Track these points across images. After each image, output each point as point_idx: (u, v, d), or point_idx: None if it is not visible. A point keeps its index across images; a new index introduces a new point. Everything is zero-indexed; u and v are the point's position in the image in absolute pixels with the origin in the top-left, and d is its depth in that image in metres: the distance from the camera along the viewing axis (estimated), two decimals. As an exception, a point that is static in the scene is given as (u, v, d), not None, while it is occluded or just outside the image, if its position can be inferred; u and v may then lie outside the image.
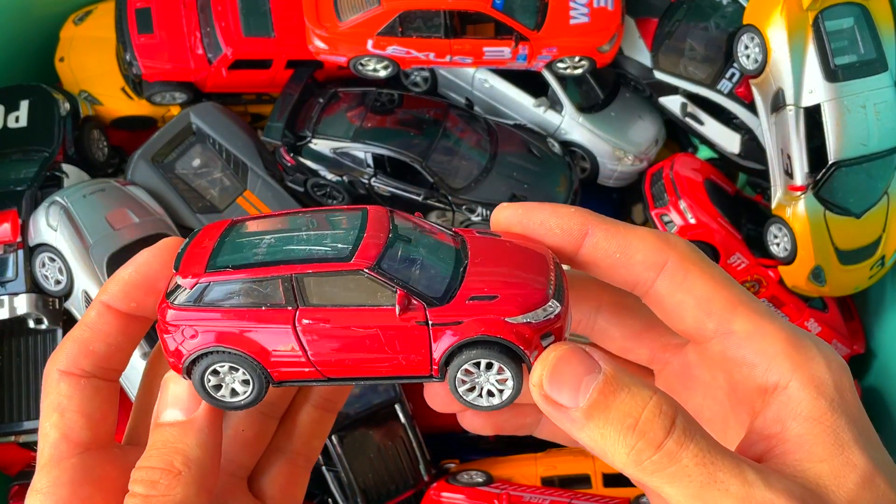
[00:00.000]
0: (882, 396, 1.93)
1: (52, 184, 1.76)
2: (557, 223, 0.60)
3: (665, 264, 0.58)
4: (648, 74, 1.87)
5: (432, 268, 0.58)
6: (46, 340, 1.72)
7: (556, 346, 0.54)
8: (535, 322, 0.56)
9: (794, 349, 0.54)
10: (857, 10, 1.63)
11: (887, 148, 1.64)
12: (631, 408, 0.50)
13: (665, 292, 0.58)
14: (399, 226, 0.60)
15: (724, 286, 0.57)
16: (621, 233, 0.59)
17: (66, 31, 1.99)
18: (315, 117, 1.83)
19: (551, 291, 0.57)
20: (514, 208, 0.61)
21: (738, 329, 0.56)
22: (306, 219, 0.62)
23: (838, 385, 0.53)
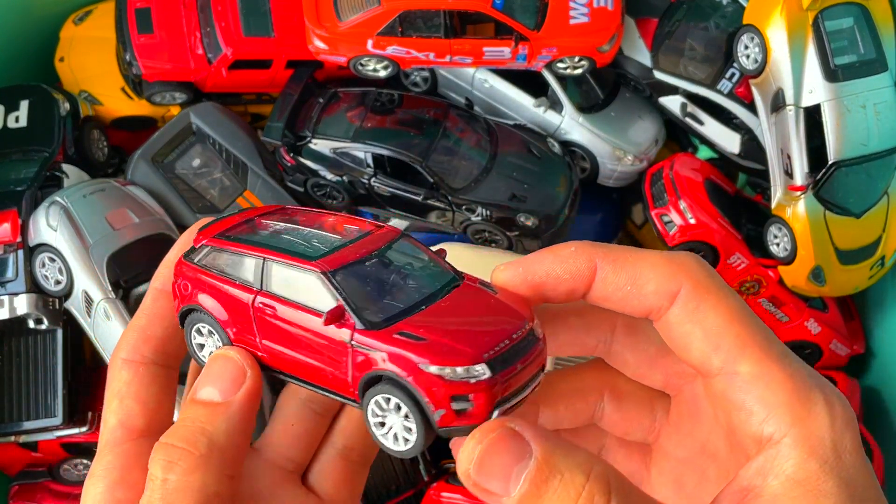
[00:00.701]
0: (882, 396, 1.93)
1: (52, 184, 1.76)
2: (564, 268, 0.57)
3: (678, 292, 0.55)
4: (648, 74, 1.87)
5: (394, 296, 0.57)
6: (46, 340, 1.72)
7: (486, 428, 0.51)
8: (449, 379, 0.52)
9: (798, 400, 0.52)
10: (856, 10, 1.63)
11: (887, 148, 1.64)
12: (562, 497, 0.48)
13: (675, 321, 0.55)
14: (393, 249, 0.60)
15: (737, 320, 0.54)
16: (630, 262, 0.56)
17: (66, 31, 1.99)
18: (315, 117, 1.83)
19: (489, 356, 0.53)
20: (513, 268, 0.58)
21: (742, 371, 0.53)
22: (331, 222, 0.64)
23: (837, 445, 0.51)
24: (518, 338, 0.55)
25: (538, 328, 0.57)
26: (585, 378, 0.65)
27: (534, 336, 0.56)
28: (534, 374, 0.56)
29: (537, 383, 0.57)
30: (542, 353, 0.57)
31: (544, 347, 0.57)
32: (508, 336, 0.54)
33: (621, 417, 0.64)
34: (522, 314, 0.56)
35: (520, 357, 0.54)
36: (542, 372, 0.57)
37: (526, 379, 0.55)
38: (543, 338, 0.57)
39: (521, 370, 0.54)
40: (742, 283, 1.84)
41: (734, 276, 1.83)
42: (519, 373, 0.54)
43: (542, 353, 0.57)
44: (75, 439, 1.76)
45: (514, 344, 0.54)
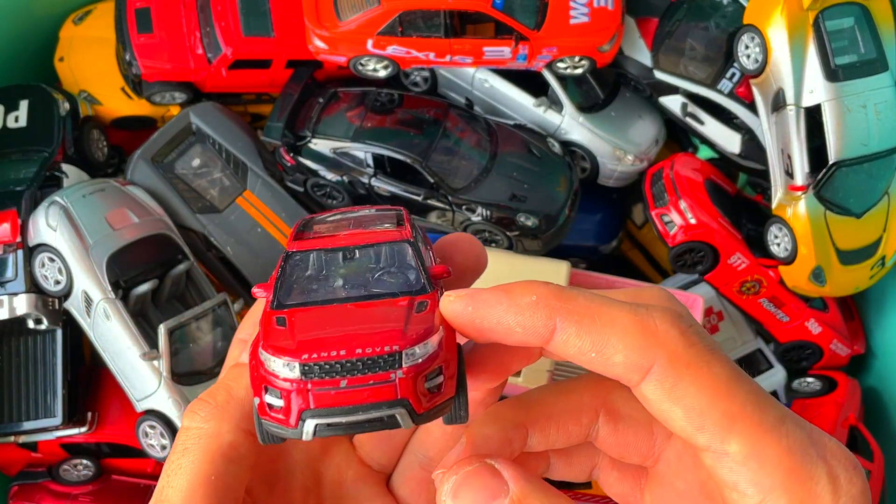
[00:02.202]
0: (882, 396, 1.93)
1: (52, 184, 1.76)
2: (518, 321, 0.50)
3: (651, 368, 0.48)
4: (648, 74, 1.87)
5: (325, 288, 0.56)
6: (46, 341, 1.72)
7: (464, 461, 0.51)
8: (266, 367, 0.51)
9: (797, 481, 0.47)
10: (857, 9, 1.63)
11: (888, 148, 1.64)
12: None
13: (651, 397, 0.49)
14: (372, 250, 0.58)
15: (723, 394, 0.48)
16: (596, 327, 0.49)
17: (65, 31, 1.99)
18: (315, 117, 1.83)
19: (308, 358, 0.50)
20: (462, 304, 0.51)
21: (732, 451, 0.48)
22: (357, 218, 0.64)
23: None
24: (362, 355, 0.49)
25: (413, 360, 0.50)
26: (579, 396, 0.59)
27: (391, 363, 0.50)
28: (371, 403, 0.50)
29: (384, 418, 0.50)
30: (389, 387, 0.50)
31: (405, 383, 0.50)
32: (351, 350, 0.49)
33: (617, 441, 0.59)
34: (405, 338, 0.50)
35: (351, 375, 0.49)
36: (392, 408, 0.50)
37: (356, 402, 0.50)
38: (412, 373, 0.50)
39: (346, 388, 0.49)
40: (742, 283, 1.84)
41: (734, 277, 1.83)
42: (343, 391, 0.49)
43: (390, 388, 0.50)
44: (75, 439, 1.76)
45: (352, 359, 0.49)
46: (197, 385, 1.65)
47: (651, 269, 2.11)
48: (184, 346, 1.66)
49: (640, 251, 2.12)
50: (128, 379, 1.66)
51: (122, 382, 1.67)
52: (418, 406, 0.50)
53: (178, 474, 0.54)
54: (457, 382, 0.53)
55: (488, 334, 0.51)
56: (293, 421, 0.50)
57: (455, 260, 0.60)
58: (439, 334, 0.51)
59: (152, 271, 1.72)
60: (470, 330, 0.52)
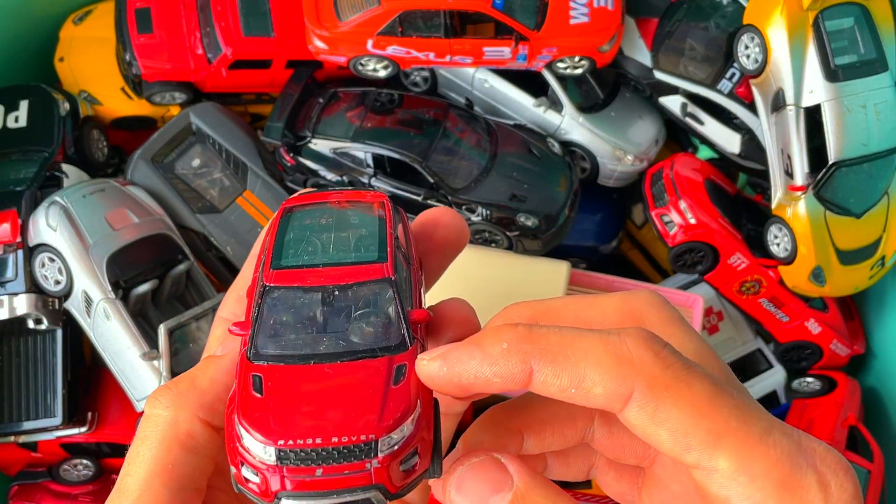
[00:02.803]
0: (882, 396, 1.93)
1: (52, 184, 1.76)
2: (494, 371, 0.49)
3: (631, 395, 0.48)
4: (648, 74, 1.87)
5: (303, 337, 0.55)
6: (46, 341, 1.72)
7: (471, 453, 0.51)
8: (242, 443, 0.51)
9: (788, 491, 0.47)
10: (857, 9, 1.63)
11: (888, 148, 1.64)
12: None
13: (635, 423, 0.49)
14: (353, 289, 0.57)
15: (706, 412, 0.48)
16: (571, 363, 0.48)
17: (65, 31, 1.99)
18: (315, 117, 1.83)
19: (285, 445, 0.50)
20: (437, 364, 0.51)
21: (721, 467, 0.47)
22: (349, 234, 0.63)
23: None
24: (338, 444, 0.49)
25: (389, 447, 0.50)
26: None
27: (366, 452, 0.50)
28: (346, 489, 0.50)
29: (358, 501, 0.51)
30: (364, 475, 0.50)
31: (381, 471, 0.50)
32: (328, 438, 0.49)
33: (612, 443, 0.59)
34: (381, 424, 0.50)
35: (326, 464, 0.49)
36: (367, 492, 0.50)
37: (331, 488, 0.50)
38: (388, 461, 0.50)
39: (320, 476, 0.50)
40: (742, 283, 1.84)
41: (734, 277, 1.83)
42: (318, 479, 0.50)
43: (365, 476, 0.50)
44: (75, 439, 1.76)
45: (328, 448, 0.49)
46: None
47: (651, 270, 2.11)
48: (184, 346, 1.66)
49: (640, 251, 2.13)
50: (128, 379, 1.66)
51: (122, 382, 1.67)
52: (392, 488, 0.51)
53: (137, 462, 0.54)
54: (432, 448, 0.52)
55: (470, 389, 0.51)
56: (269, 497, 0.51)
57: (436, 234, 0.61)
58: (416, 411, 0.51)
59: (152, 271, 1.72)
60: (450, 388, 0.51)
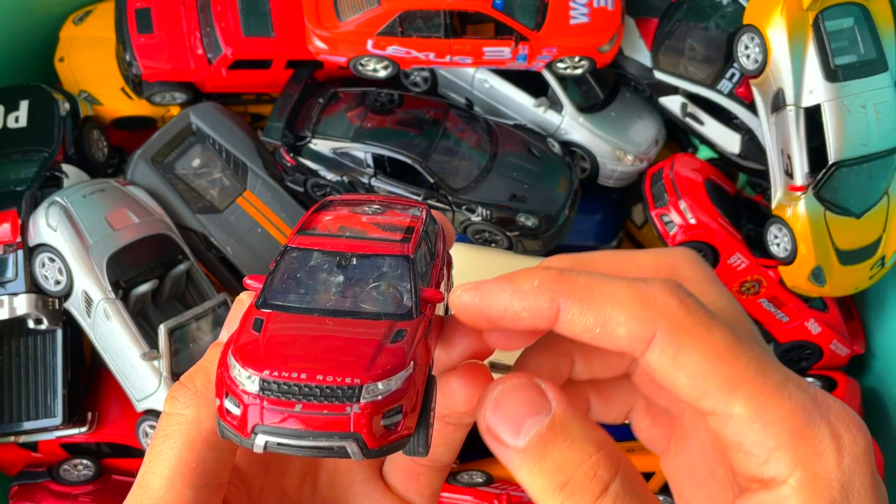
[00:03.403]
0: (882, 396, 1.93)
1: (52, 184, 1.76)
2: (523, 305, 0.51)
3: (653, 337, 0.49)
4: (648, 74, 1.87)
5: (311, 294, 0.56)
6: (46, 341, 1.72)
7: (510, 376, 0.51)
8: (230, 373, 0.51)
9: (801, 440, 0.48)
10: (857, 10, 1.63)
11: (887, 148, 1.64)
12: (567, 461, 0.47)
13: (655, 366, 0.50)
14: (370, 260, 0.58)
15: (725, 358, 0.49)
16: (597, 302, 0.50)
17: (65, 31, 1.99)
18: (315, 117, 1.83)
19: (270, 375, 0.49)
20: (470, 294, 0.53)
21: (737, 413, 0.49)
22: (378, 220, 0.64)
23: (846, 484, 0.47)
24: (322, 383, 0.49)
25: (372, 396, 0.50)
26: None
27: (349, 396, 0.49)
28: (322, 432, 0.50)
29: (334, 448, 0.50)
30: (343, 420, 0.49)
31: (360, 418, 0.50)
32: (313, 375, 0.49)
33: (650, 379, 0.59)
34: (369, 372, 0.50)
35: (307, 400, 0.49)
36: (343, 440, 0.50)
37: (307, 427, 0.49)
38: (369, 409, 0.50)
39: (299, 413, 0.49)
40: (742, 283, 1.84)
41: (734, 277, 1.83)
42: (297, 415, 0.49)
43: (343, 420, 0.49)
44: (75, 439, 1.76)
45: (311, 384, 0.49)
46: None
47: (651, 269, 2.11)
48: (184, 347, 1.66)
49: (639, 251, 2.12)
50: (128, 379, 1.66)
51: (122, 382, 1.67)
52: (370, 441, 0.50)
53: (159, 461, 0.54)
54: (419, 417, 0.52)
55: (498, 322, 0.53)
56: (246, 432, 0.50)
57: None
58: (407, 370, 0.51)
59: (152, 271, 1.72)
60: (480, 320, 0.53)
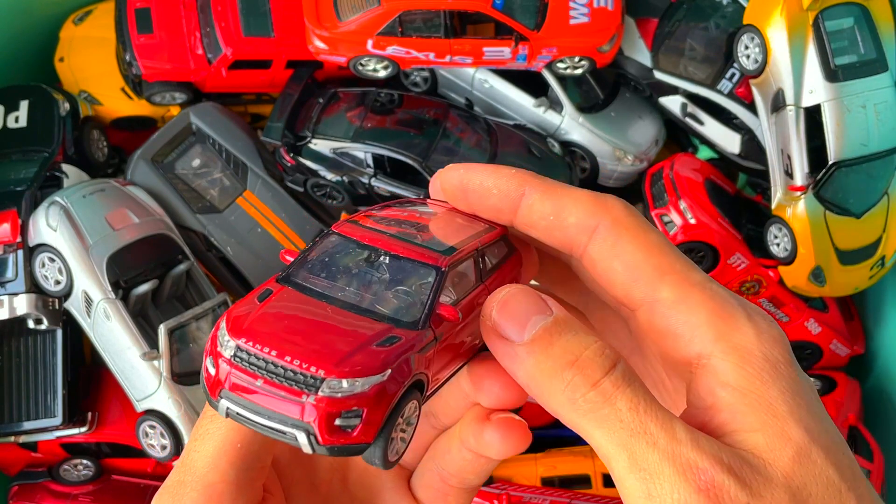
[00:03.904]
0: (882, 396, 1.93)
1: (52, 184, 1.76)
2: (495, 183, 0.58)
3: (597, 227, 0.56)
4: (648, 74, 1.87)
5: (331, 280, 0.56)
6: (46, 341, 1.72)
7: (513, 285, 0.55)
8: (218, 334, 0.52)
9: (720, 318, 0.52)
10: (857, 10, 1.63)
11: (887, 148, 1.64)
12: (573, 346, 0.51)
13: (596, 257, 0.56)
14: (402, 261, 0.57)
15: (656, 252, 0.55)
16: (557, 194, 0.57)
17: (65, 31, 1.99)
18: (315, 117, 1.83)
19: (247, 342, 0.50)
20: (457, 169, 0.60)
21: (663, 297, 0.54)
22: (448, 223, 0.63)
23: (768, 355, 0.51)
24: (288, 364, 0.49)
25: (331, 391, 0.48)
26: None
27: (309, 385, 0.49)
28: (276, 413, 0.49)
29: (285, 433, 0.49)
30: (296, 406, 0.49)
31: (314, 411, 0.49)
32: (282, 354, 0.49)
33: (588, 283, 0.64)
34: (338, 367, 0.49)
35: (269, 377, 0.49)
36: (294, 427, 0.49)
37: (263, 405, 0.49)
38: (324, 403, 0.48)
39: (260, 387, 0.49)
40: (742, 283, 1.84)
41: (734, 277, 1.83)
42: (257, 389, 0.49)
43: (297, 407, 0.49)
44: (75, 439, 1.76)
45: (277, 363, 0.49)
46: (197, 385, 1.66)
47: (651, 269, 2.11)
48: (184, 346, 1.66)
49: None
50: (128, 379, 1.66)
51: (122, 382, 1.67)
52: (322, 437, 0.49)
53: (206, 439, 0.55)
54: (381, 429, 0.50)
55: (470, 195, 0.59)
56: (215, 394, 0.51)
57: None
58: (379, 377, 0.49)
59: (152, 271, 1.72)
60: (458, 190, 0.60)
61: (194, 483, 0.54)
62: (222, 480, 0.54)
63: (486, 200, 0.59)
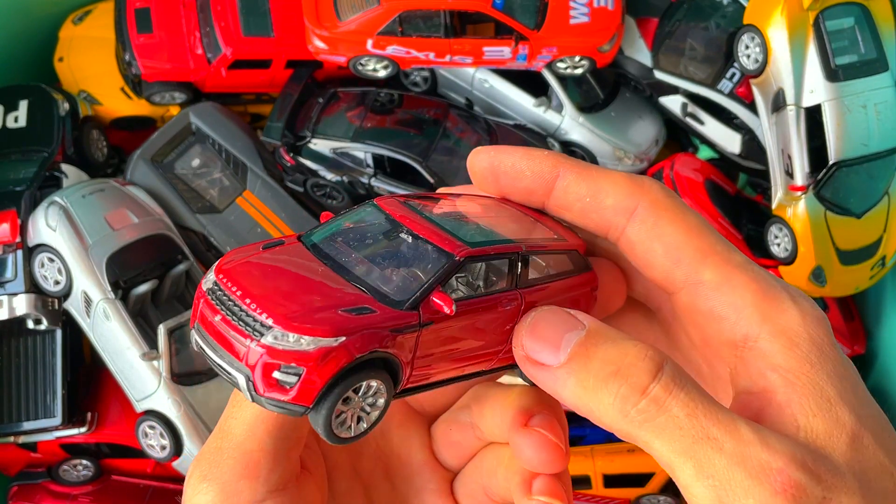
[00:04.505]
0: (882, 396, 1.93)
1: (52, 184, 1.76)
2: (528, 165, 0.57)
3: (636, 209, 0.55)
4: (648, 74, 1.87)
5: (352, 249, 0.54)
6: (46, 341, 1.72)
7: (539, 307, 0.53)
8: (204, 281, 0.52)
9: (765, 300, 0.51)
10: (857, 9, 1.63)
11: (888, 148, 1.64)
12: (613, 355, 0.48)
13: (635, 239, 0.55)
14: (421, 242, 0.54)
15: (696, 233, 0.54)
16: (593, 176, 0.56)
17: (65, 30, 1.99)
18: (315, 117, 1.83)
19: (224, 282, 0.50)
20: (487, 151, 0.59)
21: (706, 279, 0.53)
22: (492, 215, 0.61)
23: (814, 337, 0.49)
24: (246, 306, 0.48)
25: (275, 341, 0.47)
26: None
27: (257, 330, 0.48)
28: (223, 351, 0.49)
29: (230, 373, 0.49)
30: (240, 348, 0.48)
31: (254, 356, 0.48)
32: (245, 296, 0.49)
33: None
34: (289, 320, 0.48)
35: (226, 315, 0.49)
36: (237, 370, 0.48)
37: (216, 340, 0.49)
38: (265, 351, 0.47)
39: (217, 322, 0.49)
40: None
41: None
42: (214, 324, 0.49)
43: (240, 349, 0.48)
44: (74, 440, 1.76)
45: (238, 303, 0.49)
46: (197, 385, 1.65)
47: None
48: (183, 347, 1.65)
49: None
50: (128, 379, 1.66)
51: (122, 382, 1.67)
52: (259, 386, 0.48)
53: (243, 406, 0.54)
54: (320, 397, 0.48)
55: (502, 177, 0.58)
56: (192, 324, 0.52)
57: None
58: (328, 341, 0.47)
59: (152, 271, 1.72)
60: (489, 173, 0.58)
61: (232, 450, 0.53)
62: (260, 449, 0.53)
63: (519, 182, 0.58)
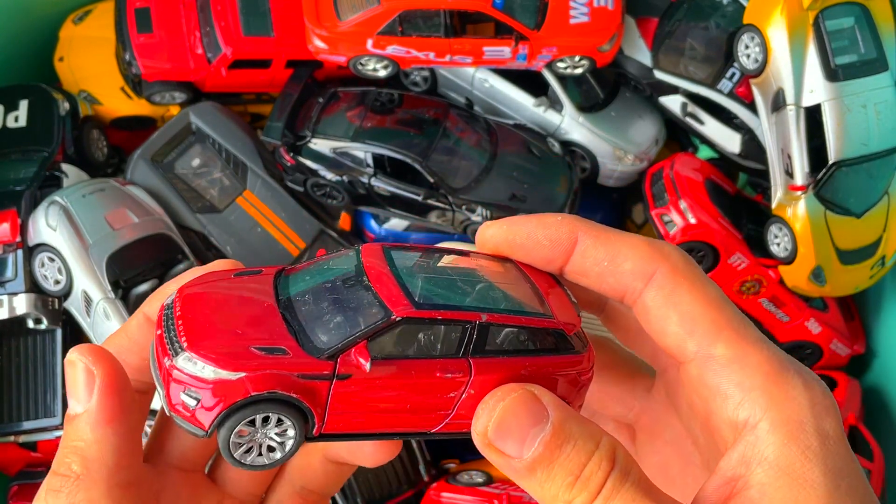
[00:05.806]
0: (882, 396, 1.93)
1: (52, 184, 1.76)
2: (545, 234, 0.57)
3: (654, 275, 0.54)
4: (648, 74, 1.87)
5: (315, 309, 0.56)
6: (46, 340, 1.72)
7: (505, 389, 0.52)
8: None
9: (775, 383, 0.50)
10: (857, 9, 1.63)
11: (888, 148, 1.64)
12: (573, 465, 0.49)
13: (651, 304, 0.55)
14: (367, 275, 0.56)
15: (713, 305, 0.54)
16: (611, 240, 0.56)
17: (65, 30, 1.98)
18: (315, 117, 1.83)
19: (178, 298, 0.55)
20: (498, 225, 0.58)
21: (718, 354, 0.52)
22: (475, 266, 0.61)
23: (819, 429, 0.48)
24: (177, 326, 0.53)
25: (181, 365, 0.51)
26: None
27: (174, 350, 0.51)
28: (156, 364, 0.53)
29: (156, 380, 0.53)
30: (161, 364, 0.52)
31: (166, 374, 0.51)
32: (181, 319, 0.53)
33: (598, 388, 0.64)
34: (206, 348, 0.51)
35: (164, 332, 0.53)
36: (160, 384, 0.53)
37: (155, 351, 0.54)
38: (173, 371, 0.51)
39: (157, 336, 0.54)
40: (742, 283, 1.84)
41: (734, 276, 1.83)
42: (157, 336, 0.54)
43: (160, 366, 0.52)
44: (75, 439, 1.76)
45: (172, 323, 0.53)
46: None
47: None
48: (183, 346, 1.65)
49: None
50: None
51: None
52: (170, 401, 0.52)
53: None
54: (214, 424, 0.51)
55: (519, 250, 0.58)
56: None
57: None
58: (228, 374, 0.50)
59: (152, 271, 1.72)
60: (504, 246, 0.58)
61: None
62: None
63: (538, 252, 0.57)
